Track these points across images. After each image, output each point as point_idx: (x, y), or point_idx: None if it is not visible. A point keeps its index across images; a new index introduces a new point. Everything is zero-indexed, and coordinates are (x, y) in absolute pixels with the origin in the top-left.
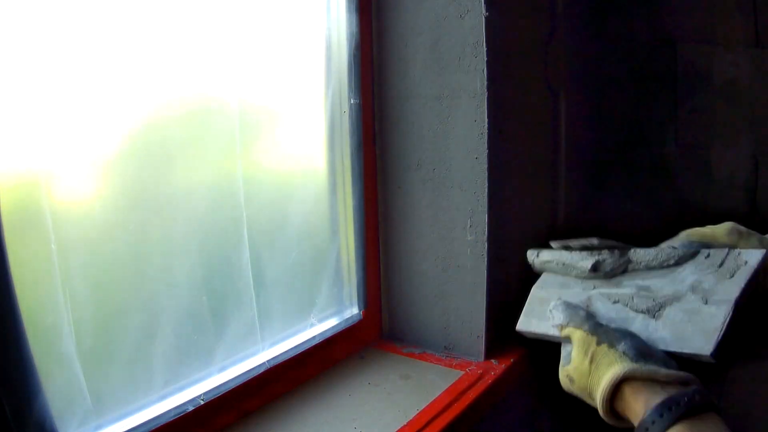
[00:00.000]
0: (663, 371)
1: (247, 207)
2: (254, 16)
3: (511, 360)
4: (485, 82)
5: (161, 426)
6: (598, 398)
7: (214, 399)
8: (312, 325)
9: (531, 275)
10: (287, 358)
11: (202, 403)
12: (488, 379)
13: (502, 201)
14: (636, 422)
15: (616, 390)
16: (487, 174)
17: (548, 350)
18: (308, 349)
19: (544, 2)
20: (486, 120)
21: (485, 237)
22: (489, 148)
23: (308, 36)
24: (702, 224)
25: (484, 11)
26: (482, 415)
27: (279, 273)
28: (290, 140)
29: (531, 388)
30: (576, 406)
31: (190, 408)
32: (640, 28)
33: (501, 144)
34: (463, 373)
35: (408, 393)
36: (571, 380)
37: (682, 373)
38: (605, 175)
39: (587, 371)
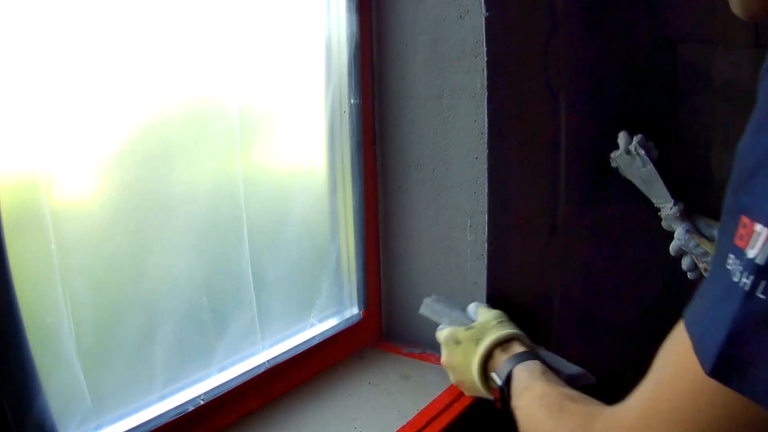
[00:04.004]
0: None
1: (247, 207)
2: (254, 16)
3: None
4: (485, 82)
5: (161, 426)
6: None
7: (214, 399)
8: (312, 325)
9: (531, 275)
10: (287, 358)
11: (202, 403)
12: None
13: (502, 201)
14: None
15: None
16: (487, 174)
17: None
18: (308, 349)
19: (544, 2)
20: (486, 120)
21: (485, 237)
22: (489, 148)
23: (308, 36)
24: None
25: (484, 11)
26: (482, 415)
27: (279, 273)
28: (290, 140)
29: None
30: None
31: (190, 408)
32: (640, 28)
33: (501, 144)
34: None
35: (408, 393)
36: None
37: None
38: (605, 175)
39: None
